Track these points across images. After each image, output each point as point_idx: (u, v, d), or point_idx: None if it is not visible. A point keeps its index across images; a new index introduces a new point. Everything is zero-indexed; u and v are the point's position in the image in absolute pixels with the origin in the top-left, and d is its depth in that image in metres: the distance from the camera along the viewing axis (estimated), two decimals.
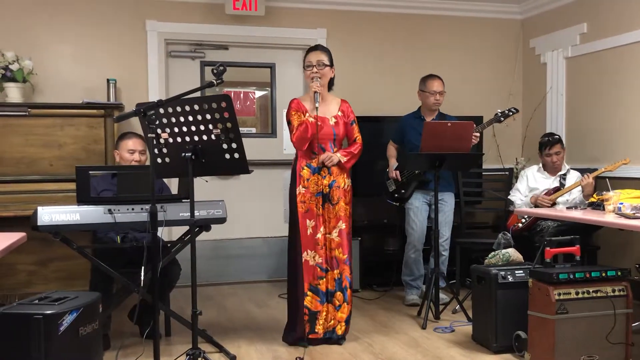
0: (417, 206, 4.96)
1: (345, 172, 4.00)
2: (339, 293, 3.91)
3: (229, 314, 4.78)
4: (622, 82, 5.16)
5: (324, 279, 3.89)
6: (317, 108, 3.83)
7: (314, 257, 3.88)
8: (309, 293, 3.86)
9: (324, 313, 3.89)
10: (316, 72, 3.92)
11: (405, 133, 5.00)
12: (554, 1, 5.86)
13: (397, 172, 4.99)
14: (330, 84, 4.09)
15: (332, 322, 3.91)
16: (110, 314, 3.90)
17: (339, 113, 4.01)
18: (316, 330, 3.88)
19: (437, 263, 4.55)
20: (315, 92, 3.86)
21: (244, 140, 3.34)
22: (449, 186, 5.01)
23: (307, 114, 3.92)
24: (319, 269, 3.88)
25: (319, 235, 3.89)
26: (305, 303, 3.85)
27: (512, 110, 4.87)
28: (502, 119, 4.82)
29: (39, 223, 3.36)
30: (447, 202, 4.96)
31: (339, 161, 3.93)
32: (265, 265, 5.94)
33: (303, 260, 3.87)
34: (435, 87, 4.93)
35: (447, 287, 4.87)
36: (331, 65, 4.01)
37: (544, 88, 6.02)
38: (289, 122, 3.97)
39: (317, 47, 4.07)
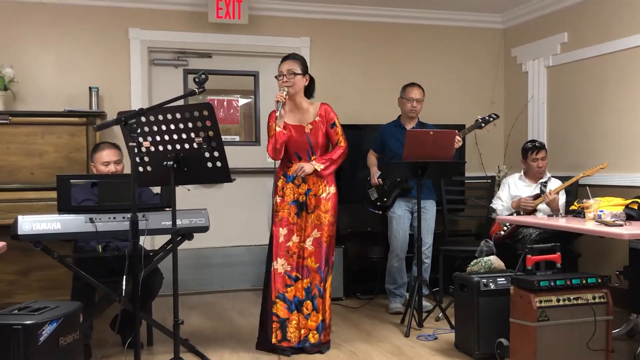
0: (400, 214, 4.98)
1: (325, 180, 3.98)
2: (308, 302, 3.90)
3: (212, 323, 4.76)
4: (602, 90, 5.22)
5: (292, 287, 3.89)
6: (277, 117, 3.81)
7: (282, 265, 3.88)
8: (277, 301, 3.87)
9: (294, 322, 3.89)
10: (285, 81, 3.91)
11: (385, 141, 5.03)
12: (535, 11, 5.93)
13: (379, 179, 5.01)
14: (311, 91, 4.08)
15: (303, 330, 3.90)
16: (92, 323, 3.87)
17: (317, 119, 3.98)
18: (288, 337, 3.88)
19: (420, 271, 4.57)
20: (277, 101, 3.85)
21: (227, 148, 3.35)
22: (430, 194, 5.04)
23: (275, 124, 3.93)
24: (287, 277, 3.89)
25: (290, 244, 3.89)
26: (275, 310, 3.86)
27: (493, 116, 4.92)
28: (483, 124, 4.88)
29: (20, 232, 3.32)
30: (429, 209, 4.99)
31: (315, 170, 3.92)
32: (248, 274, 5.92)
33: (273, 268, 3.89)
34: (413, 95, 4.98)
35: (430, 294, 4.89)
36: (304, 73, 3.97)
37: (525, 96, 6.08)
38: (268, 134, 3.98)
39: (289, 57, 4.03)
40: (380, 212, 5.11)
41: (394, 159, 4.82)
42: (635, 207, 4.00)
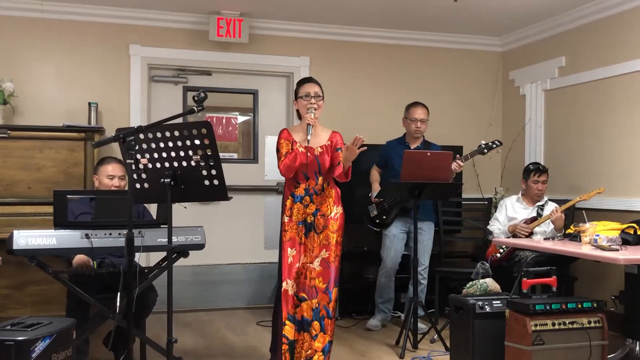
0: (395, 234, 5.02)
1: (332, 199, 3.98)
2: (315, 322, 3.87)
3: (206, 342, 4.73)
4: (599, 115, 5.25)
5: (300, 307, 3.87)
6: (308, 140, 3.83)
7: (292, 287, 3.86)
8: (287, 322, 3.84)
9: (300, 342, 3.86)
10: (314, 102, 3.93)
11: (388, 158, 5.05)
12: (533, 35, 5.98)
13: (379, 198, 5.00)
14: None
15: (309, 351, 3.87)
16: (89, 339, 3.85)
17: (327, 143, 4.01)
18: (295, 359, 3.85)
19: (416, 292, 4.56)
20: (308, 124, 3.87)
21: (225, 165, 3.35)
22: (429, 215, 5.04)
23: (298, 144, 3.93)
24: (296, 299, 3.87)
25: (299, 264, 3.88)
26: (284, 332, 3.83)
27: (496, 142, 4.93)
28: (486, 150, 4.88)
29: (15, 247, 3.31)
30: (426, 231, 4.99)
31: (349, 167, 3.87)
32: (243, 292, 5.90)
33: (283, 289, 3.86)
34: (417, 115, 5.00)
35: (425, 316, 4.87)
36: (323, 97, 4.04)
37: (522, 119, 6.11)
38: (278, 150, 3.98)
39: (311, 79, 4.07)
40: (379, 230, 5.11)
41: (396, 176, 4.85)
42: (632, 232, 4.00)
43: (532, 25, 5.89)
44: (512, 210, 5.04)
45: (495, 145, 4.90)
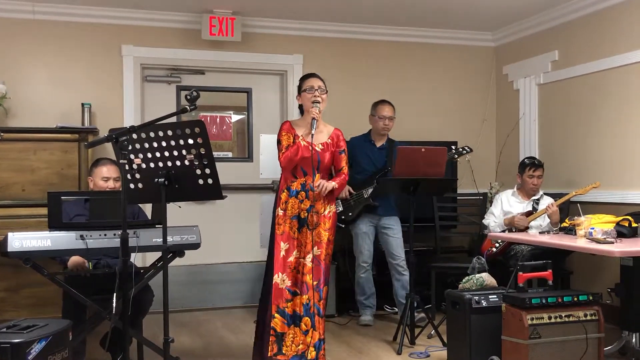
0: (365, 231, 5.11)
1: (327, 198, 3.99)
2: (306, 318, 3.87)
3: (203, 341, 4.73)
4: (592, 108, 5.26)
5: (291, 302, 3.87)
6: (312, 135, 3.84)
7: (283, 280, 3.87)
8: (276, 315, 3.85)
9: (291, 335, 3.87)
10: (318, 95, 3.94)
11: (354, 155, 5.06)
12: (526, 29, 5.98)
13: (348, 188, 5.01)
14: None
15: (301, 346, 3.87)
16: (85, 339, 3.84)
17: (328, 140, 4.02)
18: (284, 352, 3.85)
19: (412, 288, 4.56)
20: (313, 118, 3.87)
21: (220, 164, 3.35)
22: (392, 211, 5.07)
23: (300, 138, 3.93)
24: (287, 292, 3.87)
25: (291, 259, 3.88)
26: (272, 325, 3.84)
27: (466, 149, 5.10)
28: (456, 156, 5.08)
29: (9, 249, 3.29)
30: (395, 225, 5.08)
31: (332, 189, 3.95)
32: (240, 291, 5.89)
33: (274, 282, 3.86)
34: (385, 112, 5.05)
35: (422, 311, 4.87)
36: (327, 91, 4.05)
37: (516, 114, 6.12)
38: (279, 142, 3.99)
39: (314, 74, 4.08)
40: (344, 226, 5.14)
41: (362, 174, 4.97)
42: (626, 225, 4.01)
43: (525, 20, 5.89)
44: (507, 205, 5.05)
45: (465, 152, 5.09)
